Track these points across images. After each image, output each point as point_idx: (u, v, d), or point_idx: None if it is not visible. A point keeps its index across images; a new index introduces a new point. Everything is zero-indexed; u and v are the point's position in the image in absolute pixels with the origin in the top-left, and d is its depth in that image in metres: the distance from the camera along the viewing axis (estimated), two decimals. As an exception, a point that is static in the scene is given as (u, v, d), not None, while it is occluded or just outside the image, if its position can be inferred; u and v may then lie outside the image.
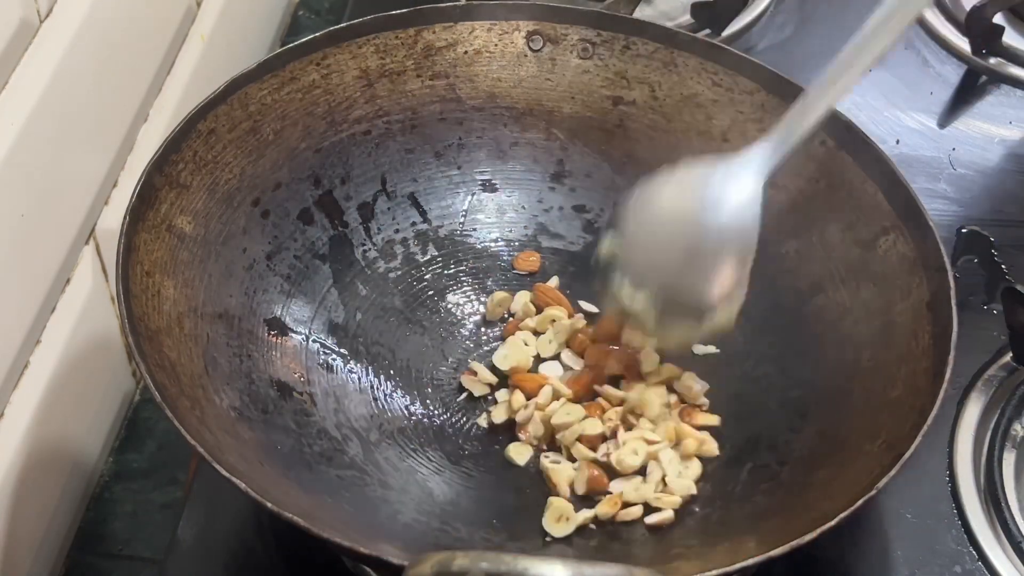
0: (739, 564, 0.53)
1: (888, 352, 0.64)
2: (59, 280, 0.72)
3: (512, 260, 0.76)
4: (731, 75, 0.73)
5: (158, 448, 0.79)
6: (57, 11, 0.70)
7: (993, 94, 0.92)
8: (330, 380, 0.69)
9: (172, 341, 0.62)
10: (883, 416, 0.61)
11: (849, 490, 0.56)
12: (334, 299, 0.72)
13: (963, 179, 0.86)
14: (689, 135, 0.75)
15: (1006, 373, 0.74)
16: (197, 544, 0.67)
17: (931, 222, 0.65)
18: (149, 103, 0.81)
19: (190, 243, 0.66)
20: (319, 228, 0.73)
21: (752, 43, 0.94)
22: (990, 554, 0.67)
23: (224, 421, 0.61)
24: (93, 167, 0.75)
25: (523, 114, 0.76)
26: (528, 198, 0.77)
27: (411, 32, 0.75)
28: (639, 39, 0.75)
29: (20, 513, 0.68)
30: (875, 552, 0.67)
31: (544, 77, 0.76)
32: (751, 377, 0.69)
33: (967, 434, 0.71)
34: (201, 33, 0.88)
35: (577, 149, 0.77)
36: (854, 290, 0.68)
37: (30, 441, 0.69)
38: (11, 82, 0.66)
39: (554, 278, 0.75)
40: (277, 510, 0.53)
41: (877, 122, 0.89)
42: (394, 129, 0.75)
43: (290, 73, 0.72)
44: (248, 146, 0.70)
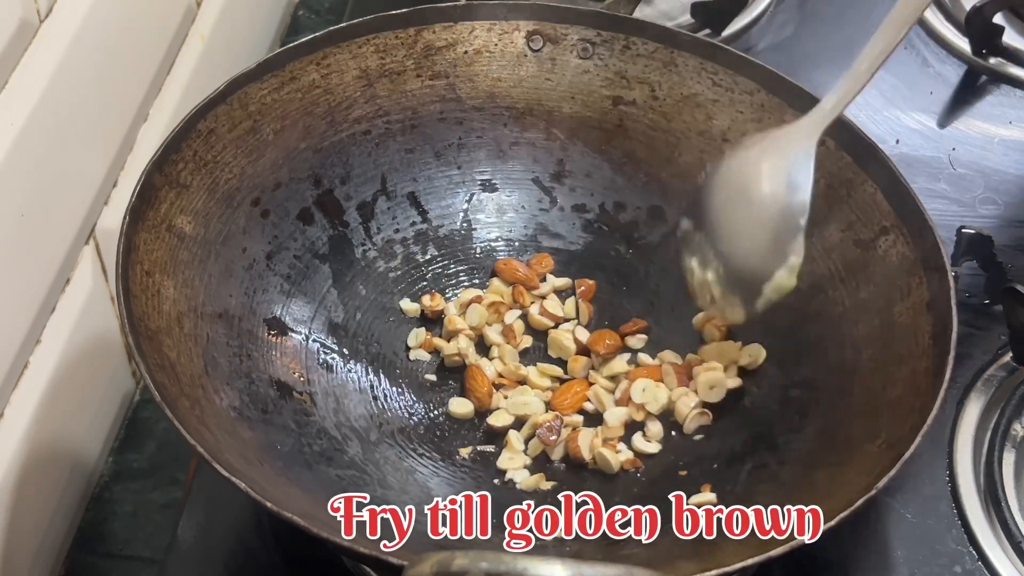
0: (739, 564, 0.53)
1: (888, 352, 0.64)
2: (59, 280, 0.72)
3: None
4: (731, 75, 0.73)
5: (158, 448, 0.79)
6: (57, 11, 0.70)
7: (993, 94, 0.92)
8: (330, 380, 0.69)
9: (172, 341, 0.62)
10: (883, 416, 0.61)
11: (849, 490, 0.56)
12: (334, 299, 0.72)
13: (963, 179, 0.86)
14: (689, 135, 0.75)
15: (1006, 373, 0.74)
16: (197, 544, 0.67)
17: (931, 222, 0.65)
18: (149, 103, 0.81)
19: (190, 243, 0.66)
20: (319, 228, 0.73)
21: (752, 43, 0.94)
22: (990, 554, 0.67)
23: (224, 421, 0.61)
24: (93, 167, 0.75)
25: (523, 114, 0.76)
26: (528, 198, 0.77)
27: (411, 32, 0.75)
28: (639, 39, 0.75)
29: (20, 513, 0.68)
30: (875, 552, 0.67)
31: (544, 77, 0.76)
32: (751, 377, 0.69)
33: (967, 434, 0.71)
34: (201, 33, 0.88)
35: (577, 149, 0.77)
36: (854, 290, 0.68)
37: (30, 441, 0.69)
38: (11, 82, 0.66)
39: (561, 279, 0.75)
40: (277, 510, 0.53)
41: (877, 122, 0.89)
42: (394, 129, 0.75)
43: (290, 73, 0.72)
44: (248, 146, 0.70)
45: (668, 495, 0.63)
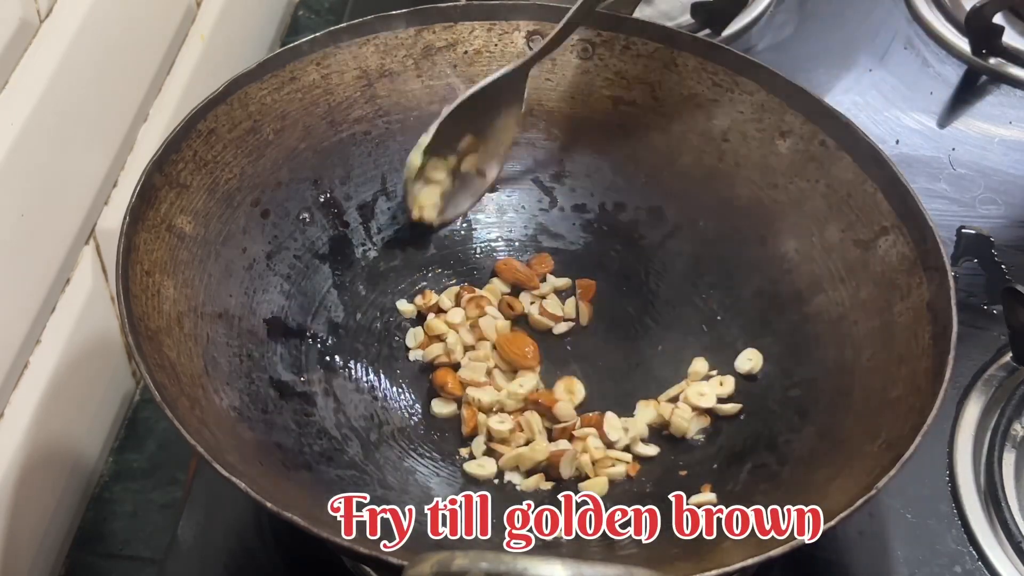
0: (739, 564, 0.53)
1: (888, 352, 0.64)
2: (59, 280, 0.72)
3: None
4: (731, 75, 0.73)
5: (158, 448, 0.79)
6: (57, 11, 0.70)
7: (993, 94, 0.92)
8: (330, 380, 0.69)
9: (172, 341, 0.62)
10: (883, 416, 0.61)
11: (849, 490, 0.56)
12: (334, 299, 0.72)
13: (963, 179, 0.86)
14: (689, 135, 0.75)
15: (1006, 373, 0.74)
16: (197, 544, 0.67)
17: (931, 222, 0.65)
18: (149, 103, 0.81)
19: (190, 243, 0.66)
20: (319, 228, 0.73)
21: (752, 43, 0.95)
22: (990, 554, 0.67)
23: (224, 421, 0.61)
24: (93, 167, 0.75)
25: (523, 114, 0.76)
26: (528, 198, 0.77)
27: (411, 32, 0.75)
28: (639, 39, 0.75)
29: (20, 513, 0.68)
30: (875, 552, 0.67)
31: (544, 77, 0.76)
32: (751, 377, 0.69)
33: (967, 434, 0.71)
34: (201, 33, 0.88)
35: (577, 149, 0.77)
36: (854, 290, 0.68)
37: (30, 441, 0.69)
38: (11, 82, 0.66)
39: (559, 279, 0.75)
40: (277, 510, 0.53)
41: (877, 122, 0.89)
42: (394, 129, 0.75)
43: (290, 73, 0.72)
44: (248, 146, 0.70)
45: (668, 495, 0.63)
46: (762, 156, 0.73)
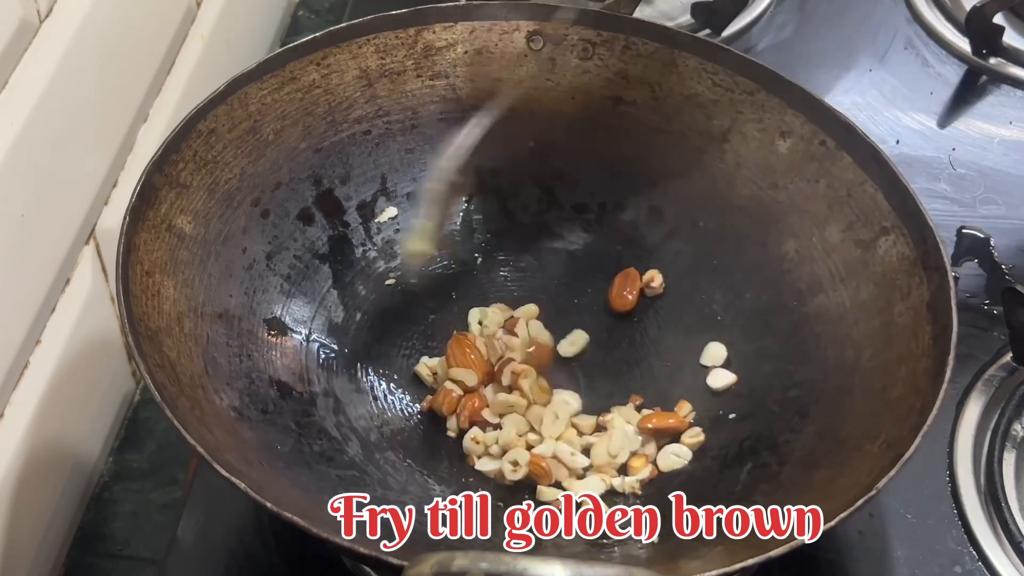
0: (739, 564, 0.53)
1: (888, 352, 0.64)
2: (59, 280, 0.72)
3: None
4: (731, 75, 0.73)
5: (158, 448, 0.79)
6: (57, 11, 0.70)
7: (993, 94, 0.92)
8: (330, 380, 0.69)
9: (172, 341, 0.62)
10: (883, 416, 0.61)
11: (849, 490, 0.56)
12: (334, 299, 0.72)
13: (963, 179, 0.86)
14: (689, 135, 0.75)
15: (1006, 373, 0.74)
16: (197, 544, 0.67)
17: (931, 222, 0.65)
18: (149, 103, 0.81)
19: (190, 243, 0.66)
20: (319, 228, 0.73)
21: (752, 43, 0.95)
22: (990, 554, 0.67)
23: (224, 421, 0.61)
24: (93, 167, 0.75)
25: (523, 114, 0.76)
26: (528, 198, 0.77)
27: (411, 32, 0.75)
28: (639, 39, 0.75)
29: (20, 513, 0.68)
30: (875, 552, 0.67)
31: (544, 77, 0.76)
32: (751, 377, 0.69)
33: (967, 434, 0.71)
34: (201, 33, 0.88)
35: (577, 149, 0.77)
36: (854, 290, 0.68)
37: (30, 441, 0.69)
38: (11, 82, 0.66)
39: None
40: (277, 510, 0.53)
41: (877, 122, 0.89)
42: (394, 129, 0.75)
43: (290, 73, 0.72)
44: (248, 146, 0.70)
45: (668, 495, 0.63)
46: (762, 156, 0.73)
